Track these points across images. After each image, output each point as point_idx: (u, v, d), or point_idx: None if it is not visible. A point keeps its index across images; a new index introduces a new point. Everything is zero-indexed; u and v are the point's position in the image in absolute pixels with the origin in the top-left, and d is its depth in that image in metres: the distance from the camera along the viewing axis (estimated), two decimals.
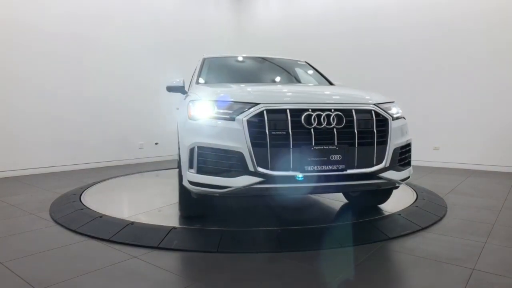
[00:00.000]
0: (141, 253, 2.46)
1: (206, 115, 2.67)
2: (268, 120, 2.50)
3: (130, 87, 7.05)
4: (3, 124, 5.48)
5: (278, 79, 4.29)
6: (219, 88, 3.13)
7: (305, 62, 4.61)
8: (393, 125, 2.76)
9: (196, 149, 2.62)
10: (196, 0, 8.43)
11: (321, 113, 2.55)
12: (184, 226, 2.98)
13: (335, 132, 2.55)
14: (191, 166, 2.66)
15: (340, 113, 2.58)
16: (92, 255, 2.45)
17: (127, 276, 2.13)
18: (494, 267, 2.22)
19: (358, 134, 2.60)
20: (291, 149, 2.49)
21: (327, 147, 2.53)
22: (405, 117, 3.06)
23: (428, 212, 3.37)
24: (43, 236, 2.84)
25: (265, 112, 2.51)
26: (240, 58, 4.63)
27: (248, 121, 2.51)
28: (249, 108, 2.54)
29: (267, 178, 2.48)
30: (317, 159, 2.51)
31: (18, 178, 5.34)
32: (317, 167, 2.52)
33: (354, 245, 2.60)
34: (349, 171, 2.58)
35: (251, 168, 2.47)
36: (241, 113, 2.54)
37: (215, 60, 4.46)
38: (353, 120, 2.60)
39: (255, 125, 2.51)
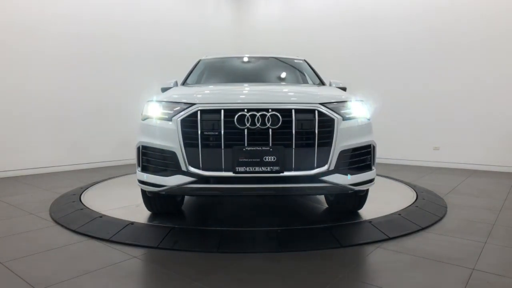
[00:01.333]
0: (141, 253, 2.46)
1: (152, 116, 2.77)
2: (201, 120, 2.53)
3: (131, 87, 7.04)
4: (3, 124, 5.48)
5: (265, 78, 4.15)
6: (175, 89, 3.20)
7: (303, 60, 4.50)
8: (342, 125, 2.62)
9: (140, 148, 2.75)
10: (196, 1, 8.43)
11: (256, 113, 2.49)
12: (184, 226, 2.98)
13: (270, 133, 2.48)
14: (138, 165, 2.78)
15: (277, 113, 2.50)
16: (92, 255, 2.45)
17: (127, 276, 2.13)
18: (494, 267, 2.22)
19: (297, 135, 2.50)
20: (222, 150, 2.49)
21: (260, 148, 2.47)
22: (369, 118, 2.92)
23: (428, 212, 3.36)
24: (43, 236, 2.84)
25: (199, 112, 2.55)
26: (234, 58, 4.58)
27: (182, 121, 2.57)
28: (185, 109, 2.59)
29: (199, 178, 2.51)
30: (249, 160, 2.47)
31: (18, 178, 5.34)
32: (250, 168, 2.47)
33: (354, 245, 2.61)
34: (286, 173, 2.49)
35: (183, 168, 2.53)
36: (178, 113, 2.59)
37: (209, 61, 4.49)
38: (291, 120, 2.51)
39: (189, 125, 2.56)
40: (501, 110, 5.99)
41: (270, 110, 2.51)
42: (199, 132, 2.51)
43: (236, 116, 2.50)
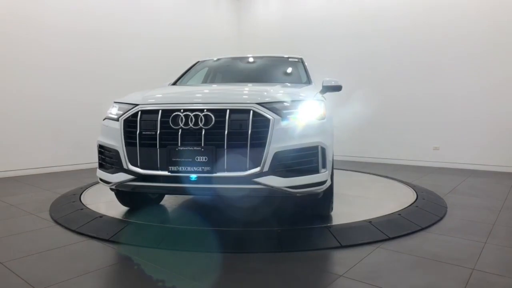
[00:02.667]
0: (141, 253, 2.46)
1: (108, 116, 2.92)
2: (140, 120, 2.64)
3: (130, 88, 7.03)
4: (3, 124, 5.48)
5: (257, 78, 4.12)
6: (140, 91, 3.30)
7: (299, 59, 4.42)
8: (279, 126, 2.51)
9: (98, 147, 2.94)
10: (196, 1, 8.43)
11: (190, 113, 2.52)
12: (184, 226, 2.98)
13: (203, 133, 2.49)
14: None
15: (210, 113, 2.51)
16: (92, 255, 2.45)
17: (127, 276, 2.13)
18: (494, 267, 2.22)
19: (229, 135, 2.47)
20: (158, 149, 2.56)
21: (192, 148, 2.49)
22: (323, 118, 2.74)
23: (428, 212, 3.37)
24: (43, 236, 2.84)
25: (139, 112, 2.65)
26: (230, 60, 4.62)
27: (125, 121, 2.69)
28: (130, 109, 2.72)
29: (138, 176, 2.61)
30: (181, 159, 2.50)
31: (18, 178, 5.34)
32: (182, 168, 2.50)
33: (354, 245, 2.60)
34: (219, 174, 2.47)
35: (125, 166, 2.65)
36: (124, 113, 2.73)
37: (206, 63, 4.57)
38: (224, 120, 2.50)
39: (130, 125, 2.68)
40: (501, 110, 5.99)
41: (205, 110, 2.53)
42: (137, 131, 2.61)
43: (171, 117, 2.54)
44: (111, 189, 2.96)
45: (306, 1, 8.20)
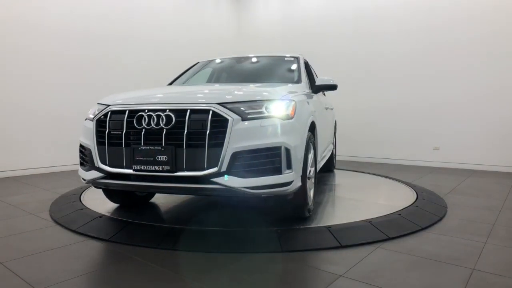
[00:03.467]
0: (141, 253, 2.46)
1: (88, 116, 3.01)
2: (109, 120, 2.75)
3: (130, 88, 7.04)
4: (3, 124, 5.48)
5: (252, 78, 4.15)
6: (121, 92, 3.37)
7: (295, 57, 4.33)
8: (239, 126, 2.49)
9: (79, 146, 3.05)
10: (196, 1, 8.43)
11: (152, 113, 2.59)
12: (184, 226, 2.98)
13: (164, 133, 2.54)
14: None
15: (171, 114, 2.56)
16: (92, 255, 2.46)
17: (127, 276, 2.13)
18: (494, 267, 2.23)
19: (188, 135, 2.51)
20: (123, 148, 2.66)
21: (153, 147, 2.56)
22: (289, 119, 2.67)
23: (428, 212, 3.37)
24: (43, 236, 2.84)
25: (109, 113, 2.76)
26: (228, 59, 4.65)
27: (97, 121, 2.81)
28: (102, 110, 2.83)
29: (107, 174, 2.72)
30: (144, 158, 2.57)
31: (18, 178, 5.34)
32: (144, 167, 2.58)
33: (354, 245, 2.60)
34: (179, 173, 2.52)
35: (96, 164, 2.76)
36: (98, 114, 2.84)
37: (205, 63, 4.64)
38: (184, 120, 2.53)
39: (101, 125, 2.79)
40: (501, 110, 5.99)
41: (167, 111, 2.59)
42: (106, 131, 2.72)
43: (135, 117, 2.63)
44: (94, 186, 3.05)
45: (306, 1, 8.20)
